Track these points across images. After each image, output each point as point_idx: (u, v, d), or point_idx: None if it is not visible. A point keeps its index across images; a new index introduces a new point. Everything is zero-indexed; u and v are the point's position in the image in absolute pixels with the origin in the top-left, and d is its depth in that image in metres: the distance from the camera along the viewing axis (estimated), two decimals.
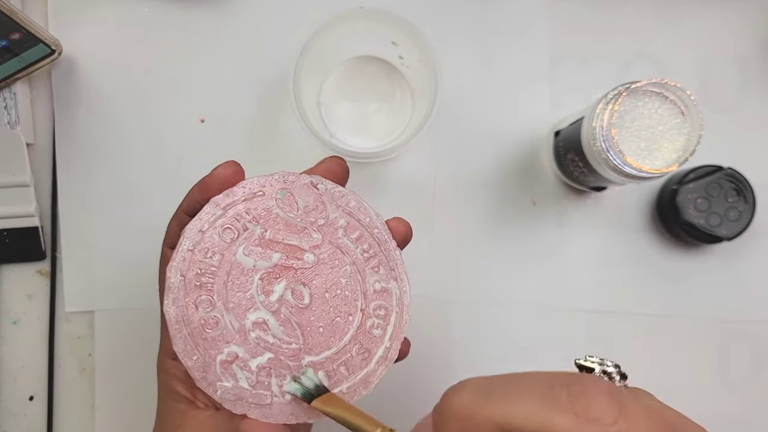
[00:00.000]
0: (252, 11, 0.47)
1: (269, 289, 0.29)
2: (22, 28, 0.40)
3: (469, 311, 0.47)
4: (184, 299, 0.28)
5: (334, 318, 0.30)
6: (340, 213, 0.30)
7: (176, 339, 0.28)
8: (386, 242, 0.31)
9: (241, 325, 0.29)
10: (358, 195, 0.31)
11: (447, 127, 0.47)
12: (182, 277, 0.28)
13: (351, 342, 0.30)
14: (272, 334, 0.29)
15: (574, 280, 0.47)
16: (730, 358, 0.48)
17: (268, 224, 0.29)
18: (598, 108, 0.37)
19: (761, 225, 0.46)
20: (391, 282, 0.31)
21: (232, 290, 0.29)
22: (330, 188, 0.31)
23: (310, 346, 0.29)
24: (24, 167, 0.44)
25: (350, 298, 0.30)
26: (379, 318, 0.30)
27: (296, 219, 0.30)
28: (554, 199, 0.48)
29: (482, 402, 0.20)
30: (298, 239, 0.30)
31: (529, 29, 0.48)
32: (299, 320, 0.29)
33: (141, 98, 0.47)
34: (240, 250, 0.29)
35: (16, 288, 0.46)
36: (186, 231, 0.29)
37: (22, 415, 0.46)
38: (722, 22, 0.48)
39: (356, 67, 0.46)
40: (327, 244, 0.30)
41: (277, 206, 0.30)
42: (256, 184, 0.30)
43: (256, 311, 0.29)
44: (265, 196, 0.30)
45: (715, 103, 0.47)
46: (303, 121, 0.40)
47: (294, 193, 0.30)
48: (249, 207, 0.29)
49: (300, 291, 0.30)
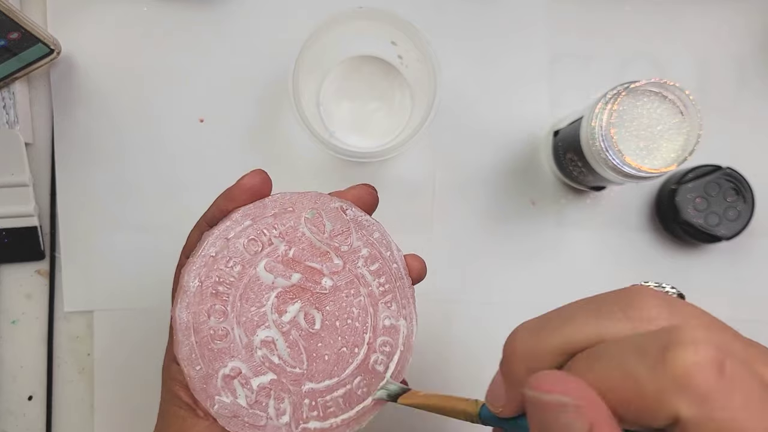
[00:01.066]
0: (251, 11, 0.47)
1: (283, 309, 0.28)
2: (21, 28, 0.40)
3: (468, 311, 0.47)
4: (197, 306, 0.27)
5: (340, 348, 0.29)
6: (363, 242, 0.30)
7: (182, 345, 0.28)
8: (402, 279, 0.31)
9: (250, 341, 0.28)
10: (383, 226, 0.31)
11: (446, 127, 0.47)
12: (200, 283, 0.28)
13: (352, 374, 0.29)
14: (278, 355, 0.28)
15: (573, 280, 0.47)
16: None
17: (293, 242, 0.29)
18: (597, 108, 0.37)
19: (760, 224, 0.46)
20: (401, 320, 0.30)
21: (246, 304, 0.28)
22: (358, 216, 0.30)
23: (312, 373, 0.29)
24: (23, 167, 0.44)
25: (359, 330, 0.29)
26: (383, 354, 0.30)
27: (321, 242, 0.29)
28: (553, 199, 0.48)
29: (539, 336, 0.20)
30: (320, 262, 0.29)
31: (528, 29, 0.48)
32: (307, 345, 0.29)
33: (140, 98, 0.47)
34: (262, 264, 0.28)
35: (15, 288, 0.46)
36: (211, 236, 0.28)
37: (21, 415, 0.46)
38: (721, 22, 0.48)
39: (355, 66, 0.46)
40: (346, 271, 0.29)
41: (304, 225, 0.29)
42: (287, 200, 0.29)
43: (267, 329, 0.28)
44: (294, 213, 0.29)
45: (714, 103, 0.48)
46: (302, 120, 0.40)
47: (323, 215, 0.29)
48: (277, 222, 0.29)
49: (312, 315, 0.29)
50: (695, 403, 0.16)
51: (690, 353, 0.16)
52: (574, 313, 0.20)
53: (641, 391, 0.17)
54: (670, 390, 0.16)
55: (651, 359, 0.17)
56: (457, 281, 0.47)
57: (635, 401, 0.17)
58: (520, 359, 0.20)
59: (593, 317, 0.19)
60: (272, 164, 0.47)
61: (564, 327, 0.20)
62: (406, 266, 0.31)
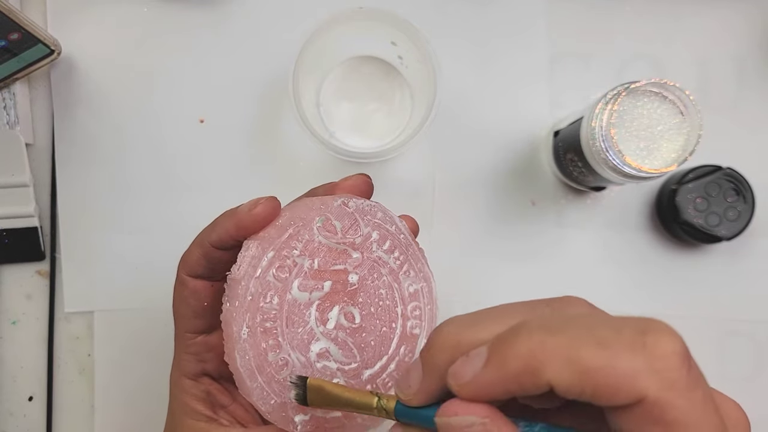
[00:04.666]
0: (251, 12, 0.47)
1: (325, 318, 0.30)
2: (22, 29, 0.40)
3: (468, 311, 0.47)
4: (254, 349, 0.28)
5: (381, 329, 0.30)
6: (371, 227, 0.31)
7: (252, 390, 0.28)
8: (411, 245, 0.32)
9: (307, 358, 0.29)
10: (381, 204, 0.32)
11: (446, 127, 0.47)
12: (248, 329, 0.28)
13: (397, 347, 0.31)
14: (334, 360, 0.29)
15: (573, 280, 0.47)
16: (729, 358, 0.48)
17: (314, 254, 0.29)
18: (598, 108, 0.37)
19: (760, 225, 0.46)
20: (421, 283, 0.32)
21: (294, 327, 0.29)
22: (359, 205, 0.31)
23: (366, 362, 0.30)
24: (23, 167, 0.44)
25: (391, 307, 0.31)
26: (416, 318, 0.31)
27: (337, 243, 0.30)
28: (553, 199, 0.48)
29: (468, 330, 0.20)
30: (342, 262, 0.30)
31: (529, 29, 0.48)
32: (354, 340, 0.30)
33: (140, 98, 0.47)
34: (295, 286, 0.29)
35: (16, 288, 0.46)
36: (242, 279, 0.28)
37: (21, 416, 0.46)
38: (721, 22, 0.48)
39: (355, 67, 0.46)
40: (365, 260, 0.30)
41: (319, 234, 0.30)
42: (297, 216, 0.30)
43: (318, 342, 0.29)
44: (306, 226, 0.29)
45: (714, 103, 0.48)
46: (302, 121, 0.40)
47: (332, 217, 0.30)
48: (295, 241, 0.29)
49: (351, 312, 0.30)
50: (664, 388, 0.17)
51: (670, 342, 0.17)
52: (507, 311, 0.20)
53: (612, 366, 0.17)
54: (645, 371, 0.17)
55: (628, 339, 0.17)
56: (457, 281, 0.47)
57: (602, 375, 0.17)
58: (445, 349, 0.21)
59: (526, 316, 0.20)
60: (272, 164, 0.47)
61: (495, 324, 0.20)
62: (410, 232, 0.32)
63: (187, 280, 0.31)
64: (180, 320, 0.32)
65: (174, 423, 0.32)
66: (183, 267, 0.31)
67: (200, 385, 0.32)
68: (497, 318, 0.20)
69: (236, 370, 0.28)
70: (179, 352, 0.32)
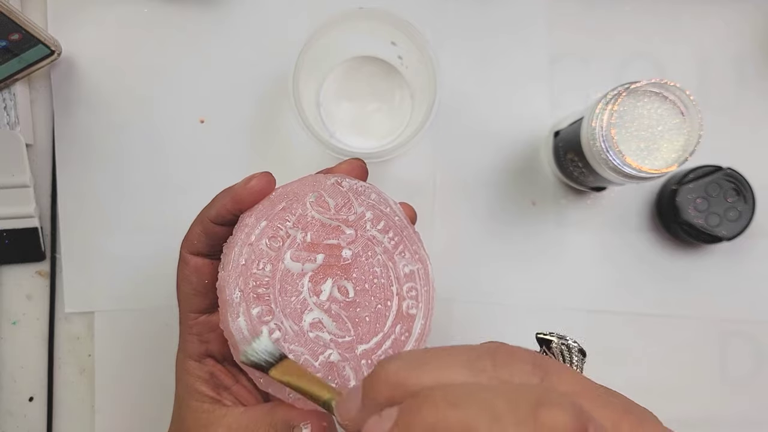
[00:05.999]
0: (251, 12, 0.47)
1: (319, 290, 0.31)
2: (22, 29, 0.40)
3: (468, 311, 0.47)
4: (247, 313, 0.29)
5: (376, 306, 0.31)
6: (365, 207, 0.32)
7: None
8: (406, 228, 0.33)
9: (300, 327, 0.30)
10: (375, 186, 0.33)
11: (446, 127, 0.47)
12: (240, 292, 0.29)
13: (393, 325, 0.32)
14: (328, 331, 0.30)
15: (573, 280, 0.47)
16: (729, 358, 0.48)
17: (307, 228, 0.31)
18: (598, 108, 0.37)
19: (760, 225, 0.46)
20: (416, 264, 0.33)
21: (286, 296, 0.30)
22: (353, 185, 0.32)
23: (361, 336, 0.31)
24: (23, 168, 0.44)
25: (386, 285, 0.32)
26: (412, 299, 0.32)
27: (330, 219, 0.31)
28: (554, 200, 0.48)
29: (412, 370, 0.20)
30: (336, 238, 0.31)
31: (529, 29, 0.48)
32: (348, 314, 0.31)
33: (140, 99, 0.47)
34: (288, 256, 0.30)
35: (16, 289, 0.46)
36: (235, 246, 0.30)
37: (21, 416, 0.46)
38: (721, 22, 0.48)
39: (355, 67, 0.46)
40: (359, 238, 0.32)
41: (311, 209, 0.31)
42: (290, 191, 0.31)
43: (311, 312, 0.30)
44: (299, 201, 0.31)
45: (715, 103, 0.47)
46: (302, 121, 0.40)
47: (325, 194, 0.32)
48: (288, 214, 0.31)
49: (345, 286, 0.31)
50: None
51: (559, 414, 0.17)
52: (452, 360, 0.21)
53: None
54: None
55: (522, 412, 0.18)
56: (457, 281, 0.47)
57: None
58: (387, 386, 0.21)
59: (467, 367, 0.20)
60: (272, 164, 0.47)
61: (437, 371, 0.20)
62: (405, 215, 0.33)
63: (188, 257, 0.32)
64: (183, 300, 0.33)
65: (180, 406, 0.32)
66: (184, 245, 0.32)
67: (204, 367, 0.32)
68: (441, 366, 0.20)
69: (229, 334, 0.29)
70: (183, 333, 0.33)
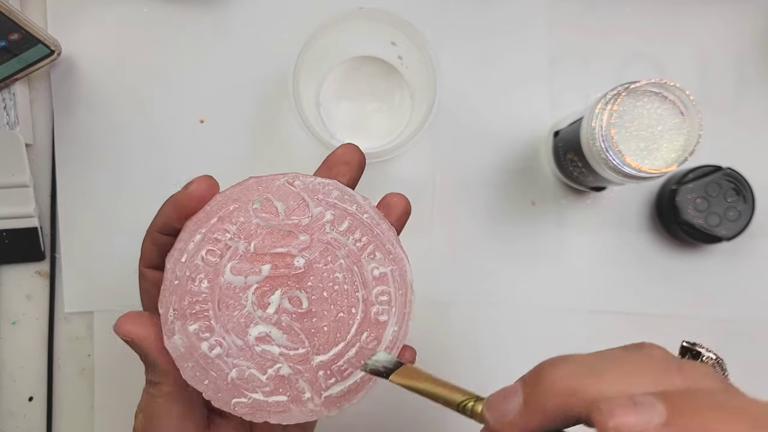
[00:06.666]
0: (251, 12, 0.47)
1: (265, 302, 0.29)
2: (22, 29, 0.40)
3: (468, 311, 0.47)
4: (183, 330, 0.28)
5: (337, 314, 0.29)
6: (324, 207, 0.29)
7: (184, 370, 0.28)
8: (378, 225, 0.30)
9: (245, 342, 0.28)
10: (339, 183, 0.30)
11: (446, 128, 0.47)
12: (175, 311, 0.28)
13: (357, 333, 0.29)
14: (277, 344, 0.29)
15: (573, 280, 0.47)
16: (729, 358, 0.47)
17: (250, 236, 0.28)
18: (597, 108, 0.37)
19: (760, 225, 0.46)
20: (389, 266, 0.30)
21: (227, 311, 0.28)
22: (308, 183, 0.29)
23: (317, 347, 0.29)
24: (23, 168, 0.44)
25: (350, 291, 0.29)
26: (382, 304, 0.30)
27: (279, 225, 0.29)
28: (553, 200, 0.48)
29: (588, 377, 0.19)
30: (286, 245, 0.29)
31: (528, 29, 0.48)
32: (302, 325, 0.29)
33: (140, 98, 0.47)
34: (227, 270, 0.28)
35: (16, 289, 0.46)
36: (168, 262, 0.28)
37: (21, 416, 0.46)
38: (721, 22, 0.48)
39: (355, 67, 0.46)
40: (316, 242, 0.29)
41: (255, 216, 0.28)
42: (229, 197, 0.28)
43: (256, 326, 0.29)
44: (241, 208, 0.28)
45: (714, 103, 0.47)
46: (302, 121, 0.40)
47: (272, 198, 0.29)
48: (226, 224, 0.28)
49: (297, 297, 0.29)
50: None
51: None
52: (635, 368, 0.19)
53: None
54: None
55: None
56: (457, 282, 0.47)
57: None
58: (557, 394, 0.19)
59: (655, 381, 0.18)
60: (272, 164, 0.47)
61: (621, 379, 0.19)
62: (378, 211, 0.30)
63: (144, 271, 0.31)
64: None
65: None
66: (140, 259, 0.31)
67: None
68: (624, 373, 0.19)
69: (167, 351, 0.28)
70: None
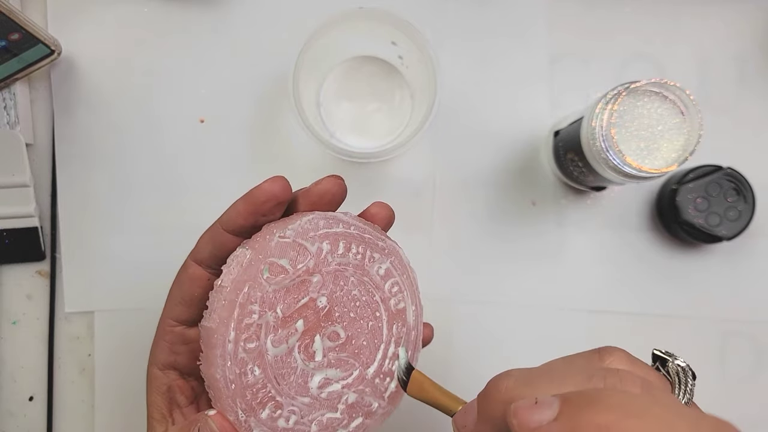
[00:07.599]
0: (251, 12, 0.47)
1: (311, 353, 0.29)
2: (22, 29, 0.40)
3: (468, 311, 0.47)
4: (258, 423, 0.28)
5: (368, 325, 0.31)
6: (318, 242, 0.29)
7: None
8: (365, 230, 0.31)
9: (311, 396, 0.29)
10: (316, 212, 0.30)
11: (446, 127, 0.47)
12: (243, 411, 0.28)
13: (389, 329, 0.31)
14: (335, 381, 0.30)
15: (573, 280, 0.47)
16: (729, 358, 0.48)
17: (273, 304, 0.28)
18: (598, 108, 0.37)
19: (761, 225, 0.46)
20: (388, 259, 0.31)
21: (285, 381, 0.29)
22: (297, 228, 0.29)
23: (365, 362, 0.31)
24: (23, 168, 0.44)
25: (369, 299, 0.31)
26: (396, 294, 0.32)
27: (292, 280, 0.29)
28: (554, 199, 0.48)
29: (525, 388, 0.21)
30: (305, 294, 0.29)
31: (529, 29, 0.48)
32: (348, 352, 0.30)
33: (141, 98, 0.47)
34: (269, 346, 0.28)
35: (16, 288, 0.46)
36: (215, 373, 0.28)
37: (21, 416, 0.46)
38: (721, 22, 0.48)
39: (355, 67, 0.46)
40: (326, 276, 0.29)
41: (269, 284, 0.28)
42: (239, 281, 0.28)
43: (314, 378, 0.29)
44: (254, 285, 0.28)
45: (715, 103, 0.48)
46: (302, 121, 0.40)
47: (275, 259, 0.28)
48: (249, 305, 0.28)
49: (334, 331, 0.30)
50: None
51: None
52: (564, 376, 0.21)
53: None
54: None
55: None
56: (457, 281, 0.47)
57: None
58: (500, 402, 0.21)
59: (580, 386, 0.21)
60: (272, 164, 0.47)
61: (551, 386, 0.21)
62: (359, 218, 0.31)
63: (189, 263, 0.31)
64: (168, 303, 0.32)
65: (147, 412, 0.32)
66: (192, 251, 0.31)
67: (165, 378, 0.32)
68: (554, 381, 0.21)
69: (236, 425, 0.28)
70: (157, 338, 0.32)
